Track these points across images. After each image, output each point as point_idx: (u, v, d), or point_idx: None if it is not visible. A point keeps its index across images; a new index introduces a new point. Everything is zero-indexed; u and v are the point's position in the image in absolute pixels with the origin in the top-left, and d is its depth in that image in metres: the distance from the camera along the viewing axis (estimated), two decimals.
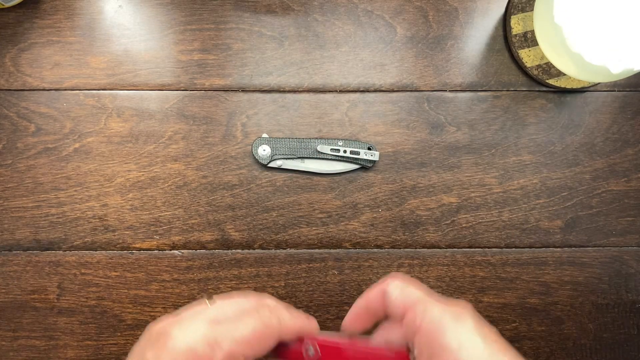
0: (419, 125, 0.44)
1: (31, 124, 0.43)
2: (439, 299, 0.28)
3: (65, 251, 0.43)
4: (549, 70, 0.43)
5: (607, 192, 0.45)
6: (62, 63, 0.44)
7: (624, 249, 0.39)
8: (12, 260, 0.43)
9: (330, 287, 0.44)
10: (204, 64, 0.44)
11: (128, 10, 0.44)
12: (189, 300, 0.43)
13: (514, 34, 0.43)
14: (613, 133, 0.45)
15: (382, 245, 0.44)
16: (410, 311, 0.28)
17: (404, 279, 0.30)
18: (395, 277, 0.30)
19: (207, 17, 0.44)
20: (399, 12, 0.44)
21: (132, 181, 0.44)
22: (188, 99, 0.44)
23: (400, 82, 0.44)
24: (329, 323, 0.44)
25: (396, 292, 0.30)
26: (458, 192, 0.44)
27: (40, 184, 0.43)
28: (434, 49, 0.44)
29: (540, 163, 0.44)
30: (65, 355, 0.43)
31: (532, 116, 0.44)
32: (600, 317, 0.44)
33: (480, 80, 0.44)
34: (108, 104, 0.44)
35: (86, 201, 0.43)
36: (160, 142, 0.44)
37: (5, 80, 0.43)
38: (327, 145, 0.43)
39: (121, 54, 0.44)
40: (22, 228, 0.43)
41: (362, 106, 0.44)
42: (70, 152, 0.43)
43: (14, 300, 0.43)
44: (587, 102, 0.45)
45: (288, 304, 0.32)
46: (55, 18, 0.44)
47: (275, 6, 0.44)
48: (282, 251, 0.44)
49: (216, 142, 0.44)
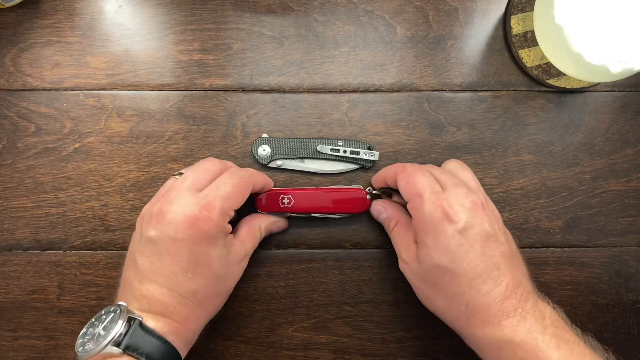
0: (419, 125, 0.44)
1: (31, 124, 0.43)
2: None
3: (65, 251, 0.43)
4: (549, 70, 0.43)
5: (607, 192, 0.45)
6: (62, 63, 0.44)
7: (624, 249, 0.39)
8: (12, 260, 0.43)
9: (330, 287, 0.44)
10: (204, 64, 0.44)
11: (128, 10, 0.44)
12: None
13: (514, 34, 0.43)
14: (613, 133, 0.45)
15: (382, 245, 0.44)
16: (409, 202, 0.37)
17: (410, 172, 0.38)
18: (404, 169, 0.38)
19: (207, 17, 0.44)
20: (399, 12, 0.44)
21: (132, 181, 0.44)
22: (188, 99, 0.44)
23: (400, 82, 0.44)
24: (329, 323, 0.44)
25: (402, 184, 0.38)
26: None
27: (41, 184, 0.43)
28: (434, 49, 0.44)
29: (540, 163, 0.44)
30: (65, 355, 0.43)
31: (532, 116, 0.44)
32: (600, 317, 0.44)
33: (480, 80, 0.44)
34: (108, 104, 0.44)
35: (86, 201, 0.43)
36: (161, 142, 0.44)
37: (5, 80, 0.43)
38: (327, 145, 0.43)
39: (121, 54, 0.44)
40: (22, 228, 0.43)
41: (362, 106, 0.44)
42: (70, 152, 0.43)
43: (14, 300, 0.43)
44: (587, 102, 0.45)
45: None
46: (55, 18, 0.44)
47: (275, 6, 0.44)
48: (282, 251, 0.44)
49: (216, 142, 0.44)
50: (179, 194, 0.35)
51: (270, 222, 0.42)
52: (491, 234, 0.34)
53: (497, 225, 0.35)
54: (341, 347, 0.44)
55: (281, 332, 0.44)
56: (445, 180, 0.37)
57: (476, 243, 0.34)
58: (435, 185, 0.36)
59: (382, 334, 0.44)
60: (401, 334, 0.44)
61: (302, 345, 0.44)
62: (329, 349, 0.44)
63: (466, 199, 0.35)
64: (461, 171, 0.39)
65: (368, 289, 0.44)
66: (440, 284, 0.35)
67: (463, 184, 0.37)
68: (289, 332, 0.44)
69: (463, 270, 0.33)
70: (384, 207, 0.42)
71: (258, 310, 0.44)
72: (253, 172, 0.40)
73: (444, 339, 0.44)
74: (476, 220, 0.34)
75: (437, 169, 0.39)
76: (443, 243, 0.34)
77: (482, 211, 0.35)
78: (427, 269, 0.35)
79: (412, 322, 0.44)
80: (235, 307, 0.43)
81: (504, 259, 0.34)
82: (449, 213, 0.34)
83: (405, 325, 0.44)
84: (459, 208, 0.34)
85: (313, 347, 0.44)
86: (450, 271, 0.34)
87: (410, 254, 0.38)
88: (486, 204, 0.36)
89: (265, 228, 0.41)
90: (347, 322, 0.44)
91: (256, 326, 0.44)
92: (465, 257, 0.33)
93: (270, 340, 0.44)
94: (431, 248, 0.35)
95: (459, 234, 0.34)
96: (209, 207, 0.34)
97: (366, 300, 0.44)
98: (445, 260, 0.34)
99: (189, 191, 0.35)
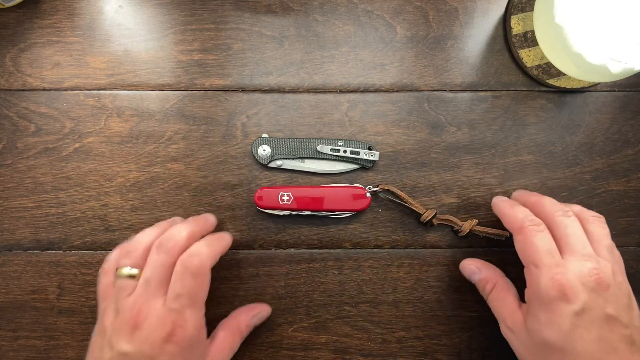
0: (419, 125, 0.44)
1: (31, 124, 0.43)
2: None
3: (65, 251, 0.43)
4: (549, 70, 0.43)
5: (607, 192, 0.45)
6: (62, 63, 0.44)
7: (624, 249, 0.39)
8: (12, 260, 0.43)
9: (330, 287, 0.44)
10: (204, 64, 0.44)
11: (128, 10, 0.44)
12: None
13: (514, 34, 0.43)
14: (613, 133, 0.45)
15: (382, 245, 0.44)
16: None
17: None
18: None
19: (207, 17, 0.44)
20: (399, 12, 0.44)
21: (132, 181, 0.44)
22: (188, 99, 0.44)
23: (400, 82, 0.44)
24: (329, 323, 0.44)
25: (518, 245, 0.36)
26: (458, 192, 0.44)
27: (41, 184, 0.43)
28: (434, 49, 0.44)
29: (540, 163, 0.44)
30: (65, 355, 0.43)
31: (532, 116, 0.44)
32: None
33: (480, 80, 0.44)
34: (108, 104, 0.44)
35: (86, 201, 0.43)
36: (161, 142, 0.44)
37: (6, 80, 0.43)
38: (327, 145, 0.43)
39: (121, 54, 0.44)
40: (22, 228, 0.43)
41: (362, 106, 0.44)
42: (70, 152, 0.43)
43: (14, 300, 0.43)
44: (587, 102, 0.45)
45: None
46: (55, 18, 0.44)
47: (275, 6, 0.44)
48: (282, 251, 0.44)
49: (216, 142, 0.44)
50: (149, 305, 0.34)
51: (251, 317, 0.41)
52: (613, 317, 0.32)
53: (621, 305, 0.32)
54: (341, 347, 0.44)
55: (281, 332, 0.44)
56: (571, 245, 0.34)
57: (593, 326, 0.31)
58: (555, 254, 0.33)
59: (382, 334, 0.44)
60: (401, 334, 0.44)
61: (302, 345, 0.44)
62: (329, 349, 0.44)
63: (590, 276, 0.32)
64: (594, 230, 0.35)
65: (368, 289, 0.44)
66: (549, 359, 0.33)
67: (590, 254, 0.33)
68: (289, 332, 0.44)
69: (575, 352, 0.31)
70: (478, 268, 0.40)
71: None
72: (205, 260, 0.36)
73: (444, 339, 0.44)
74: (597, 302, 0.32)
75: (564, 226, 0.35)
76: (557, 322, 0.32)
77: (606, 292, 0.32)
78: (536, 342, 0.33)
79: (412, 322, 0.44)
80: (235, 307, 0.43)
81: (624, 343, 0.31)
82: (567, 292, 0.32)
83: (405, 325, 0.44)
84: (579, 287, 0.32)
85: (313, 347, 0.44)
86: (561, 350, 0.32)
87: (516, 323, 0.35)
88: (613, 280, 0.33)
89: (246, 327, 0.40)
90: (347, 322, 0.44)
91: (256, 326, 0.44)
92: (579, 338, 0.31)
93: (270, 340, 0.44)
94: (543, 323, 0.33)
95: (575, 315, 0.31)
96: (182, 322, 0.34)
97: (366, 300, 0.44)
98: (557, 338, 0.32)
99: (156, 298, 0.34)
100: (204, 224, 0.39)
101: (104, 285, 0.37)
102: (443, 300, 0.44)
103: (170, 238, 0.36)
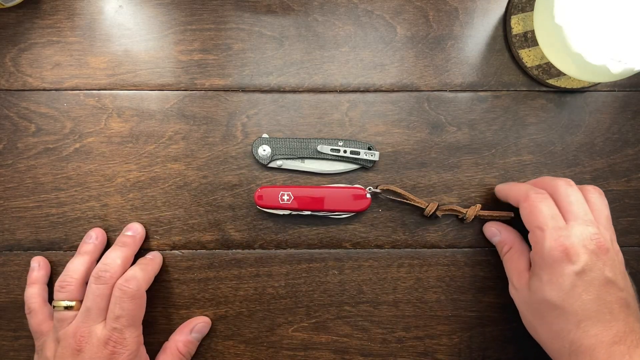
0: (419, 125, 0.44)
1: (31, 124, 0.43)
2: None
3: (65, 251, 0.43)
4: (549, 70, 0.43)
5: (607, 192, 0.44)
6: (62, 63, 0.44)
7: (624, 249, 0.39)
8: (13, 260, 0.43)
9: (330, 287, 0.44)
10: (204, 64, 0.44)
11: (128, 10, 0.44)
12: (189, 300, 0.43)
13: (514, 34, 0.43)
14: (613, 133, 0.45)
15: (382, 245, 0.44)
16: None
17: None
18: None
19: (207, 17, 0.44)
20: (399, 12, 0.44)
21: (133, 181, 0.44)
22: (188, 99, 0.44)
23: (400, 82, 0.44)
24: (329, 323, 0.44)
25: (524, 212, 0.38)
26: (458, 192, 0.44)
27: (41, 184, 0.43)
28: (434, 49, 0.44)
29: (540, 163, 0.44)
30: None
31: (532, 116, 0.44)
32: None
33: (480, 80, 0.44)
34: (108, 104, 0.44)
35: (86, 201, 0.43)
36: (161, 142, 0.44)
37: (6, 80, 0.43)
38: (327, 145, 0.43)
39: (121, 54, 0.44)
40: (23, 228, 0.43)
41: (362, 106, 0.44)
42: (70, 152, 0.43)
43: (15, 300, 0.43)
44: (587, 102, 0.45)
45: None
46: (55, 18, 0.44)
47: (275, 6, 0.44)
48: (282, 251, 0.44)
49: (216, 142, 0.44)
50: (90, 329, 0.36)
51: (187, 333, 0.42)
52: (611, 279, 0.34)
53: (618, 270, 0.35)
54: (341, 347, 0.44)
55: (281, 332, 0.44)
56: (574, 212, 0.36)
57: (592, 286, 0.33)
58: (558, 219, 0.36)
59: (382, 334, 0.44)
60: (401, 334, 0.44)
61: (302, 345, 0.44)
62: (329, 349, 0.44)
63: (591, 240, 0.34)
64: (596, 200, 0.38)
65: (368, 289, 0.44)
66: (548, 317, 0.35)
67: (591, 220, 0.36)
68: (289, 332, 0.44)
69: (573, 310, 0.33)
70: (498, 230, 0.42)
71: (258, 310, 0.44)
72: (141, 284, 0.38)
73: (444, 339, 0.44)
74: (597, 265, 0.34)
75: (567, 194, 0.37)
76: (558, 281, 0.34)
77: (605, 255, 0.34)
78: (537, 300, 0.35)
79: (412, 322, 0.44)
80: (235, 307, 0.44)
81: (619, 305, 0.33)
82: (569, 252, 0.34)
83: (406, 325, 0.44)
84: (580, 249, 0.34)
85: (313, 347, 0.44)
86: (560, 308, 0.34)
87: (522, 282, 0.38)
88: (612, 247, 0.35)
89: (184, 345, 0.41)
90: (347, 322, 0.44)
91: (256, 326, 0.44)
92: (578, 297, 0.33)
93: (270, 340, 0.44)
94: (545, 282, 0.35)
95: (575, 275, 0.33)
96: (122, 340, 0.36)
97: (366, 300, 0.44)
98: (557, 297, 0.34)
99: (96, 324, 0.37)
100: (132, 242, 0.41)
101: (36, 323, 0.39)
102: (443, 300, 0.44)
103: (106, 269, 0.38)
